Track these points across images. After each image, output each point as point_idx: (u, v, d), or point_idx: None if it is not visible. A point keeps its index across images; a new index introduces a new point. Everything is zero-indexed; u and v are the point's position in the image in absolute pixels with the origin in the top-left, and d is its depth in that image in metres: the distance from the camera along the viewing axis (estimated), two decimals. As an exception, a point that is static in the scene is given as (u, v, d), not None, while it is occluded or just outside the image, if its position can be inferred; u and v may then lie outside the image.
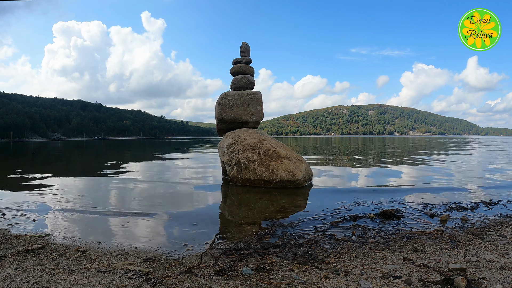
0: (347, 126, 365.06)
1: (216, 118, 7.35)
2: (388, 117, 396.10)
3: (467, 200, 4.67)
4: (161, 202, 4.89)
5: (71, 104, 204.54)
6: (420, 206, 4.30)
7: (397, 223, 3.50)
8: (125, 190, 5.97)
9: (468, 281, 1.95)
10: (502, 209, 4.13)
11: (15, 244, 2.85)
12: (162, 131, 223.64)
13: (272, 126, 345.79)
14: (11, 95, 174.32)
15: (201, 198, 5.23)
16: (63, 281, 2.10)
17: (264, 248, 2.70)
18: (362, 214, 3.82)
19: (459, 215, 3.82)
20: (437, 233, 3.05)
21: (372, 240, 2.91)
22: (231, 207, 4.46)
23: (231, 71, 7.56)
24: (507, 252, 2.54)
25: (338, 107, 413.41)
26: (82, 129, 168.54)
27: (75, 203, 4.63)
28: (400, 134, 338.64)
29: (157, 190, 5.92)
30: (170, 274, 2.20)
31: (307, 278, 2.11)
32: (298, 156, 6.36)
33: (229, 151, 6.36)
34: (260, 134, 6.77)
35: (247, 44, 7.59)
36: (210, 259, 2.49)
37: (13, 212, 4.10)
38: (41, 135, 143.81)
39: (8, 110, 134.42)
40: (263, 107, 7.23)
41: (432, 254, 2.53)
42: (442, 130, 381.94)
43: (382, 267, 2.26)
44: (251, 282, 2.06)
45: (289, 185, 5.71)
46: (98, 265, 2.36)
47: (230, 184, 6.13)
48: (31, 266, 2.35)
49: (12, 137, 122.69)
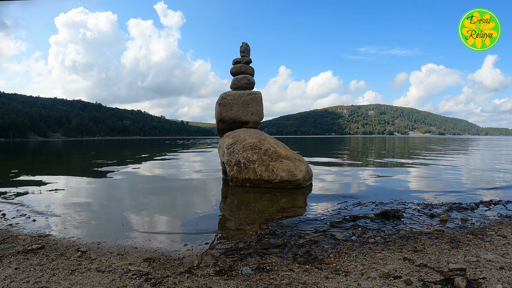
0: (347, 126, 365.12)
1: (216, 118, 7.35)
2: (388, 117, 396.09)
3: (467, 200, 4.67)
4: (161, 202, 4.89)
5: (71, 104, 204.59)
6: (420, 206, 4.30)
7: (397, 223, 3.50)
8: (125, 190, 5.97)
9: (468, 281, 1.94)
10: (502, 209, 4.13)
11: (15, 244, 2.85)
12: (162, 131, 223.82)
13: (273, 126, 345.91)
14: (11, 95, 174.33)
15: (201, 198, 5.22)
16: (63, 281, 2.10)
17: (264, 248, 2.69)
18: (362, 214, 3.82)
19: (459, 215, 3.82)
20: (437, 233, 3.05)
21: (372, 240, 2.91)
22: (231, 207, 4.46)
23: (231, 71, 7.56)
24: (507, 252, 2.54)
25: (338, 107, 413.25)
26: (82, 129, 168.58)
27: (75, 203, 4.63)
28: (400, 134, 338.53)
29: (156, 190, 5.92)
30: (170, 274, 2.20)
31: (307, 278, 2.11)
32: (298, 156, 6.36)
33: (229, 151, 6.36)
34: (260, 134, 6.77)
35: (247, 44, 7.59)
36: (210, 259, 2.49)
37: (13, 212, 4.10)
38: (41, 135, 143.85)
39: (8, 110, 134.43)
40: (263, 107, 7.23)
41: (432, 254, 2.53)
42: (442, 130, 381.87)
43: (382, 267, 2.26)
44: (251, 282, 2.06)
45: (289, 185, 5.71)
46: (98, 265, 2.36)
47: (230, 184, 6.13)
48: (31, 266, 2.35)
49: (12, 137, 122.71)
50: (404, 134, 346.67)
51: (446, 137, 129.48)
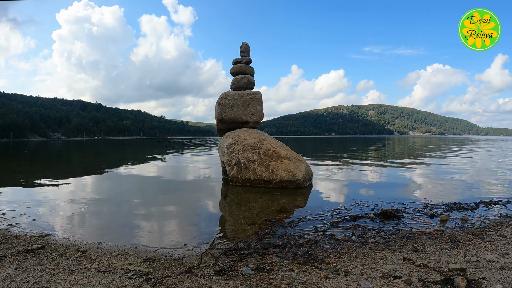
0: (347, 126, 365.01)
1: (216, 118, 7.35)
2: (388, 117, 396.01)
3: (467, 200, 4.67)
4: (161, 202, 4.89)
5: (71, 104, 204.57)
6: (420, 206, 4.30)
7: (397, 223, 3.50)
8: (125, 190, 5.97)
9: (468, 281, 1.94)
10: (502, 209, 4.13)
11: (15, 244, 2.85)
12: (162, 131, 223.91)
13: (273, 126, 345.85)
14: (11, 95, 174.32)
15: (201, 198, 5.22)
16: (63, 281, 2.10)
17: (264, 248, 2.69)
18: (362, 214, 3.82)
19: (459, 215, 3.82)
20: (437, 233, 3.05)
21: (372, 240, 2.91)
22: (231, 207, 4.46)
23: (231, 71, 7.56)
24: (507, 252, 2.54)
25: (338, 107, 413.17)
26: (82, 129, 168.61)
27: (75, 203, 4.63)
28: (400, 134, 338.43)
29: (156, 190, 5.92)
30: (170, 274, 2.19)
31: (307, 278, 2.11)
32: (298, 156, 6.36)
33: (229, 151, 6.36)
34: (260, 134, 6.77)
35: (247, 44, 7.59)
36: (210, 259, 2.49)
37: (13, 212, 4.10)
38: (41, 135, 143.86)
39: (8, 110, 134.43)
40: (263, 107, 7.23)
41: (432, 254, 2.53)
42: (442, 130, 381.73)
43: (382, 267, 2.26)
44: (251, 282, 2.06)
45: (289, 185, 5.71)
46: (98, 265, 2.36)
47: (230, 184, 6.12)
48: (31, 266, 2.35)
49: (12, 137, 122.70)
50: (404, 134, 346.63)
51: (446, 137, 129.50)
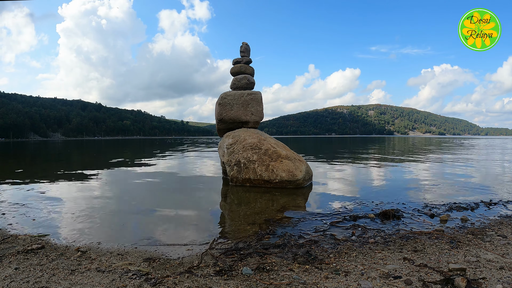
0: (347, 126, 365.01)
1: (216, 118, 7.35)
2: (388, 117, 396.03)
3: (467, 200, 4.67)
4: (161, 202, 4.89)
5: (71, 104, 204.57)
6: (420, 206, 4.30)
7: (397, 223, 3.50)
8: (125, 190, 5.97)
9: (468, 281, 1.94)
10: (502, 209, 4.13)
11: (15, 244, 2.85)
12: (162, 131, 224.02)
13: (273, 126, 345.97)
14: (11, 95, 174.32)
15: (201, 198, 5.22)
16: (63, 281, 2.10)
17: (264, 248, 2.69)
18: (362, 214, 3.82)
19: (459, 215, 3.82)
20: (437, 233, 3.05)
21: (372, 240, 2.91)
22: (231, 207, 4.46)
23: (231, 71, 7.56)
24: (507, 252, 2.54)
25: (338, 107, 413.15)
26: (82, 129, 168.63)
27: (74, 203, 4.63)
28: (400, 134, 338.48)
29: (156, 190, 5.92)
30: (170, 274, 2.19)
31: (307, 278, 2.11)
32: (298, 156, 6.35)
33: (229, 151, 6.36)
34: (260, 134, 6.77)
35: (247, 44, 7.59)
36: (210, 259, 2.49)
37: (13, 212, 4.10)
38: (41, 135, 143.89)
39: (8, 110, 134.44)
40: (263, 107, 7.23)
41: (432, 254, 2.53)
42: (442, 130, 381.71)
43: (382, 267, 2.26)
44: (251, 282, 2.06)
45: (289, 185, 5.71)
46: (98, 265, 2.36)
47: (230, 184, 6.12)
48: (31, 266, 2.35)
49: (12, 137, 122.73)
50: (404, 134, 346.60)
51: (445, 137, 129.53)
